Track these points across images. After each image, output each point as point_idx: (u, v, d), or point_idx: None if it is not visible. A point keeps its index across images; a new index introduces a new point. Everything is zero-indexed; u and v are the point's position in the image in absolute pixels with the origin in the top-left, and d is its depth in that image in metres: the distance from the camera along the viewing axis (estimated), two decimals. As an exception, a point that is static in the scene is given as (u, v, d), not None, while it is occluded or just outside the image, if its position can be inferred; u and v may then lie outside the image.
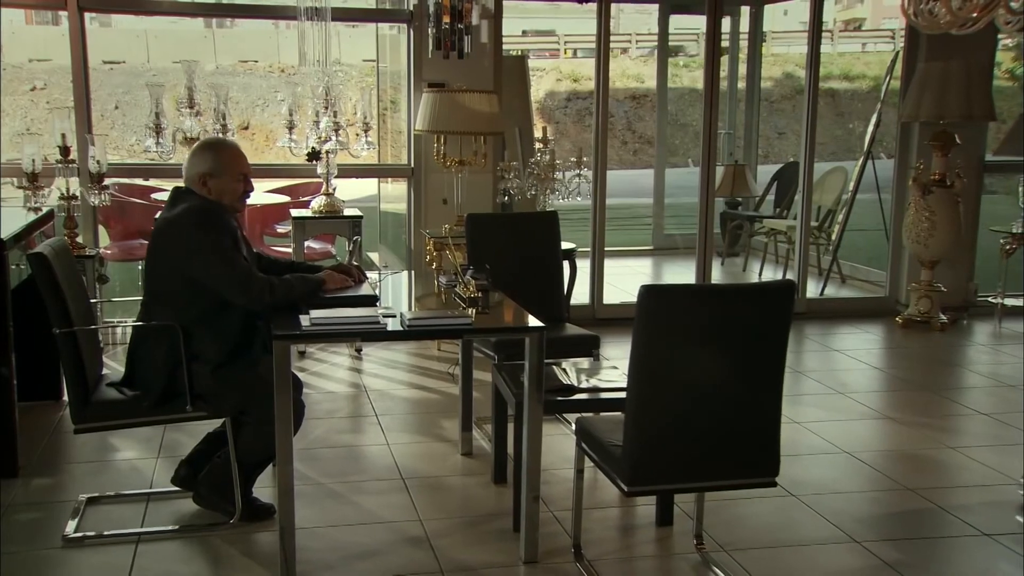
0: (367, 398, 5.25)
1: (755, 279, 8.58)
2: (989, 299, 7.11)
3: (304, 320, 3.25)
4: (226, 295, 3.46)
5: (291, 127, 5.65)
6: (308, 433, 4.67)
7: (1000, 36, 6.88)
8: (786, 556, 3.50)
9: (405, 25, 6.40)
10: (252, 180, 3.69)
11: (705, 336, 2.85)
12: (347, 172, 6.35)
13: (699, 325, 2.83)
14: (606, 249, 7.02)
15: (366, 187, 8.88)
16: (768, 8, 9.85)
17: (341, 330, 3.22)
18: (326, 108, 5.64)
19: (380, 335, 3.29)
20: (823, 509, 3.88)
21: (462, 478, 4.21)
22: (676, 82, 20.79)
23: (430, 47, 6.03)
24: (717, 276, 8.36)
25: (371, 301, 3.61)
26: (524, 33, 22.48)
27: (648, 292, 2.78)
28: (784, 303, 2.87)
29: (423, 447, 4.57)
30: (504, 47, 6.53)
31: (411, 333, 3.28)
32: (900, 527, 3.77)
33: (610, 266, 7.15)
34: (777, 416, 3.02)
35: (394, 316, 3.41)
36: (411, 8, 6.27)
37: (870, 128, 8.04)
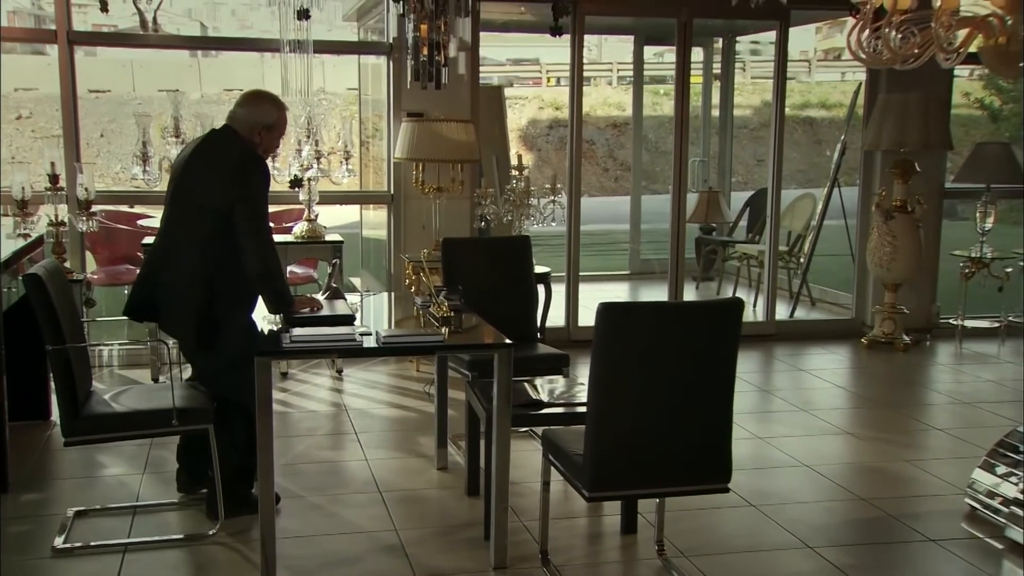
0: (347, 416, 5.42)
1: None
2: (951, 321, 7.35)
3: (285, 338, 3.44)
4: (245, 243, 3.64)
5: (273, 155, 5.84)
6: (290, 449, 4.85)
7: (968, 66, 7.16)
8: (742, 561, 3.69)
9: (385, 57, 6.62)
10: None
11: (659, 350, 3.05)
12: (329, 199, 6.55)
13: (654, 340, 3.03)
14: (584, 274, 7.24)
15: (349, 213, 9.07)
16: (750, 38, 10.13)
17: (320, 347, 3.41)
18: (308, 137, 5.84)
19: (356, 351, 3.48)
20: (780, 518, 4.07)
21: (437, 491, 4.38)
22: (657, 110, 21.11)
23: (409, 78, 6.24)
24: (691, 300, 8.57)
25: (349, 320, 3.80)
26: (507, 61, 22.79)
27: (606, 309, 2.99)
28: (733, 319, 3.08)
29: (400, 462, 4.75)
30: (488, 74, 6.76)
31: (385, 349, 3.47)
32: (852, 534, 3.97)
33: (587, 290, 7.35)
34: (728, 426, 3.21)
35: (370, 334, 3.60)
36: (391, 41, 6.51)
37: (835, 156, 8.31)
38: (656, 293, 9.09)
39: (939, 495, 4.36)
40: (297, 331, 3.45)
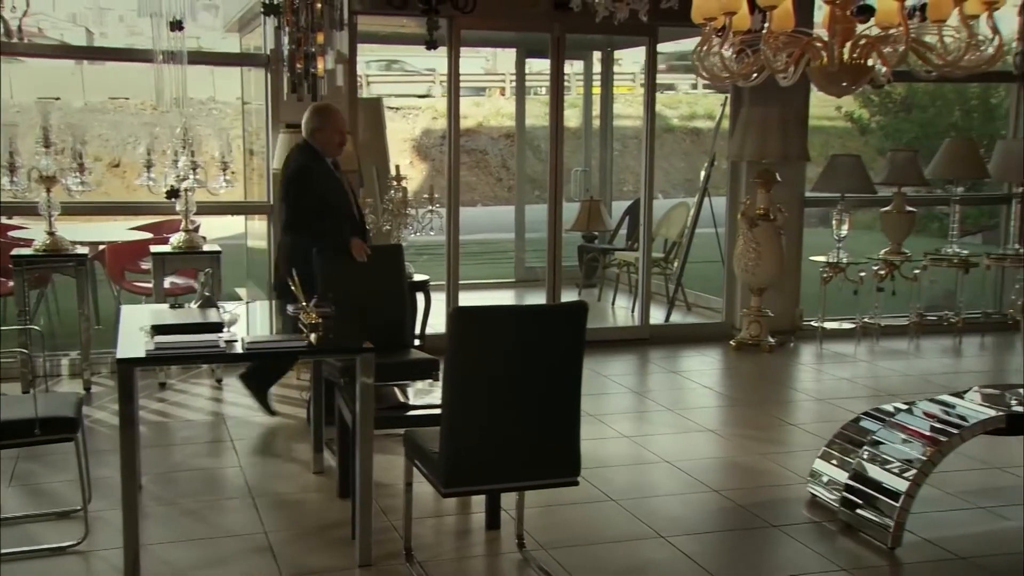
0: (225, 425, 5.47)
1: (608, 308, 9.10)
2: (812, 323, 7.75)
3: (149, 345, 3.50)
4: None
5: (149, 165, 5.86)
6: (166, 458, 4.89)
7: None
8: (597, 551, 3.89)
9: (264, 68, 6.68)
10: (345, 135, 5.33)
11: (508, 351, 3.22)
12: (207, 209, 6.56)
13: (503, 341, 3.21)
14: (470, 282, 7.39)
15: (237, 224, 9.05)
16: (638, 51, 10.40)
17: (183, 353, 3.48)
18: (184, 147, 5.87)
19: (219, 357, 3.57)
20: (639, 511, 4.29)
21: (310, 494, 4.48)
22: (547, 121, 21.40)
23: (286, 90, 6.31)
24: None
25: (217, 328, 3.88)
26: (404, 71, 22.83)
27: (456, 313, 3.16)
28: (577, 321, 3.27)
29: (275, 468, 4.83)
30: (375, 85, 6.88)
31: (247, 355, 3.57)
32: (703, 523, 4.21)
33: (473, 298, 7.53)
34: (576, 422, 3.40)
35: (236, 340, 3.69)
36: (268, 53, 6.57)
37: (705, 167, 8.68)
38: (539, 300, 9.31)
39: (786, 485, 4.64)
40: (160, 338, 3.51)
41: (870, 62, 3.78)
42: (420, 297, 6.44)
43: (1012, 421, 4.01)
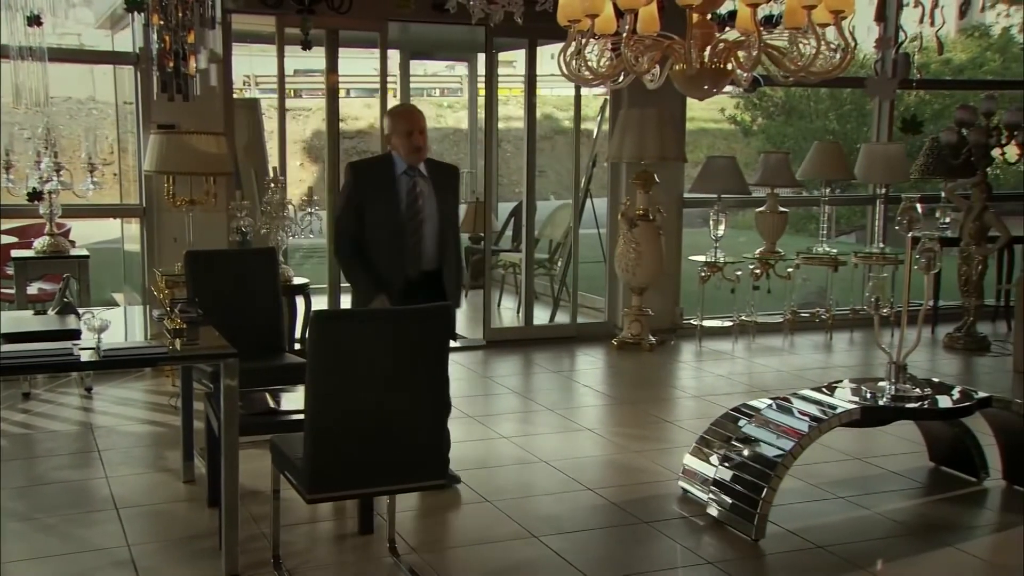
0: (92, 435, 5.28)
1: (494, 309, 9.12)
2: (692, 321, 7.91)
3: (-5, 355, 3.35)
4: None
5: (8, 167, 5.63)
6: (26, 472, 4.71)
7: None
8: (468, 553, 3.90)
9: (133, 67, 6.49)
10: (419, 138, 4.52)
11: (372, 355, 3.19)
12: (73, 212, 6.34)
13: (365, 345, 3.18)
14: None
15: (114, 227, 8.78)
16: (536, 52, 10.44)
17: (31, 363, 3.35)
18: (47, 147, 5.66)
19: (71, 366, 3.44)
20: (512, 511, 4.30)
21: (179, 504, 4.37)
22: (441, 122, 21.46)
23: (156, 89, 6.14)
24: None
25: (74, 335, 3.74)
26: (295, 72, 22.49)
27: (317, 317, 3.11)
28: (442, 323, 3.27)
29: (143, 478, 4.69)
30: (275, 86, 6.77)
31: (102, 363, 3.45)
32: (575, 522, 4.25)
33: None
34: (442, 424, 3.40)
35: (93, 348, 3.56)
36: (137, 51, 6.39)
37: (587, 168, 8.78)
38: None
39: (659, 481, 4.72)
40: (8, 347, 3.37)
41: (730, 66, 3.88)
42: (301, 301, 6.37)
43: (866, 413, 4.17)
